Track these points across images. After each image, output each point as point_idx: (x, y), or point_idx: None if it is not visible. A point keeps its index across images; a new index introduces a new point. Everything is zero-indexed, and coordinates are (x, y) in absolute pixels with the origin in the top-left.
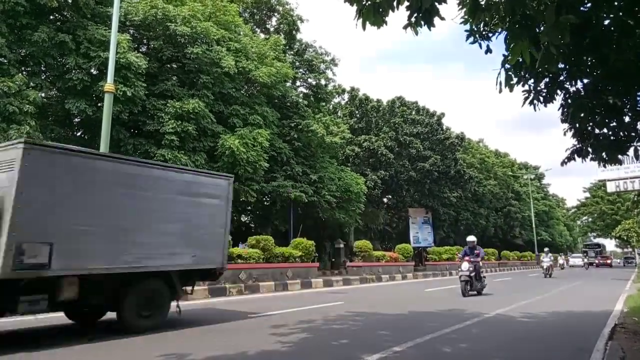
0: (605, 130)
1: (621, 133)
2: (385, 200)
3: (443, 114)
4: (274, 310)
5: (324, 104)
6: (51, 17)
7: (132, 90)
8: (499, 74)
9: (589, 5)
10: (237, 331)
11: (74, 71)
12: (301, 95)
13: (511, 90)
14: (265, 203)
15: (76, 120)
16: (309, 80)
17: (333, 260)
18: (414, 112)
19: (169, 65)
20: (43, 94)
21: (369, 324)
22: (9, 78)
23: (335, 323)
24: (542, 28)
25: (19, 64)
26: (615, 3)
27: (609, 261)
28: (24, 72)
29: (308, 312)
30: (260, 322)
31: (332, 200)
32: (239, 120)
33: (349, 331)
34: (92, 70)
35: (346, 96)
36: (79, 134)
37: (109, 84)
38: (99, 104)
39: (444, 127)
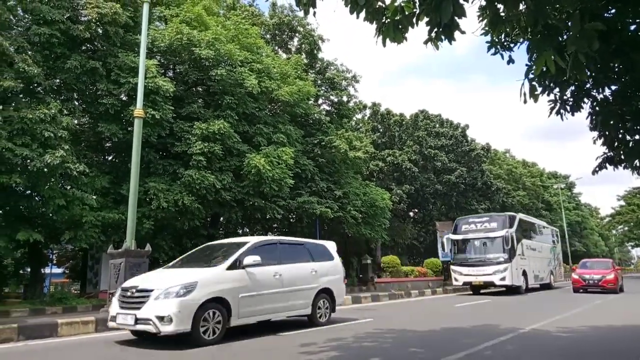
0: (636, 137)
1: None
2: (411, 214)
3: (467, 126)
4: (303, 329)
5: (346, 120)
6: (83, 47)
7: (161, 114)
8: (523, 84)
9: (613, 11)
10: (266, 351)
11: (105, 97)
12: (324, 112)
13: (536, 100)
14: (292, 220)
15: (107, 145)
16: (331, 97)
17: (361, 276)
18: (437, 125)
19: (194, 89)
20: (76, 121)
21: (400, 341)
22: (44, 105)
23: (366, 340)
24: (565, 37)
25: (53, 92)
26: None
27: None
28: (58, 100)
29: (337, 329)
30: (289, 340)
31: (358, 215)
32: (263, 139)
33: (380, 349)
34: (122, 96)
35: (368, 112)
36: (110, 157)
37: (138, 109)
38: (129, 128)
39: (469, 139)
